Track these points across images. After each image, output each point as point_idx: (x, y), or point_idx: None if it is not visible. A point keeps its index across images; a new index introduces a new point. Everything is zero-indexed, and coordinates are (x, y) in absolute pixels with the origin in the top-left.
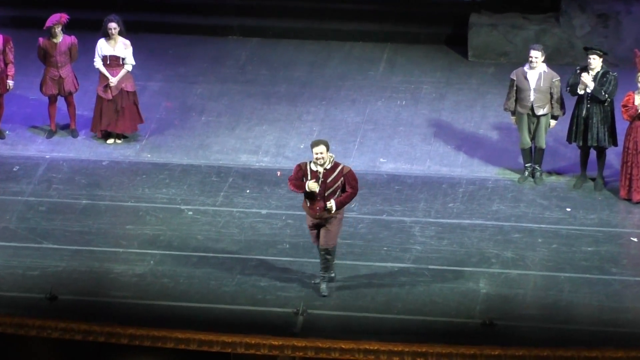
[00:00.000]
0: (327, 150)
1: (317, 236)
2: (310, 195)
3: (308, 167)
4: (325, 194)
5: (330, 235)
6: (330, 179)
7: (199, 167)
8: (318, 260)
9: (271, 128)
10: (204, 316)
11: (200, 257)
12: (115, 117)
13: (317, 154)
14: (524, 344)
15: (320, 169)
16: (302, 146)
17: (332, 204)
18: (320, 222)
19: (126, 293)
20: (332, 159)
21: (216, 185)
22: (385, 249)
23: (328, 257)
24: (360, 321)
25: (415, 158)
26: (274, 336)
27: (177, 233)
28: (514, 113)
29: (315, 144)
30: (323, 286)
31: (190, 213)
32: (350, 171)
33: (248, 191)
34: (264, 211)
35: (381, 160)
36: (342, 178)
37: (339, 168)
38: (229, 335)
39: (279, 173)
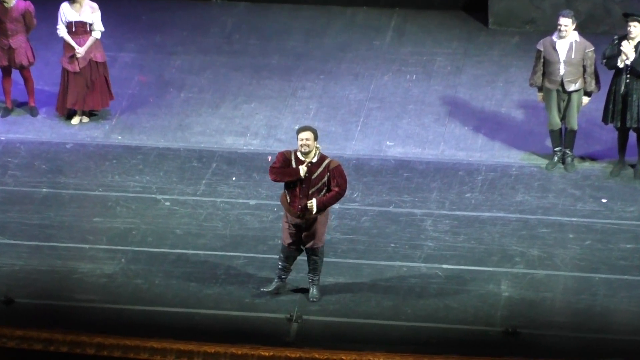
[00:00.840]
0: (315, 139)
1: (294, 237)
2: (291, 191)
3: (293, 156)
4: (310, 192)
5: (316, 235)
6: (315, 175)
7: (178, 151)
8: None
9: (261, 106)
10: (183, 323)
11: (179, 255)
12: (84, 92)
13: (302, 140)
14: (552, 355)
15: (307, 159)
16: (296, 127)
17: (312, 203)
18: (300, 223)
19: (93, 296)
20: (318, 152)
21: (197, 172)
22: (392, 245)
23: (315, 257)
24: (363, 329)
25: (427, 141)
26: (264, 346)
27: (152, 227)
28: (541, 89)
29: (301, 129)
30: (313, 291)
31: (168, 204)
32: (338, 167)
33: (234, 179)
34: (252, 202)
35: (388, 143)
36: (327, 174)
37: (326, 162)
38: (211, 344)
39: (269, 158)
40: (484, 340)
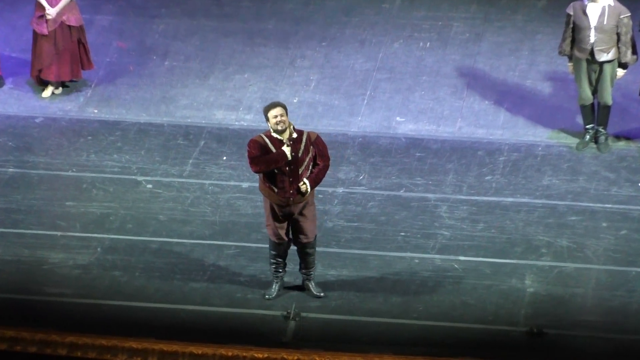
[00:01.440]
0: (287, 114)
1: (284, 230)
2: (277, 177)
3: (267, 140)
4: (300, 172)
5: (309, 225)
6: (301, 152)
7: (161, 127)
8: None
9: (255, 77)
10: (167, 320)
11: (162, 244)
12: (52, 59)
13: (276, 117)
14: (582, 359)
15: (285, 138)
16: (295, 100)
17: (306, 183)
18: (291, 212)
19: (65, 289)
20: (292, 127)
21: (183, 150)
22: (402, 234)
23: (310, 251)
24: (369, 328)
25: (442, 117)
26: (258, 347)
27: (132, 212)
28: (571, 58)
29: (271, 107)
30: (314, 286)
31: (150, 186)
32: (318, 137)
33: (225, 158)
34: (245, 184)
35: (398, 119)
36: (311, 147)
37: (305, 136)
38: (198, 345)
39: None
40: (506, 342)
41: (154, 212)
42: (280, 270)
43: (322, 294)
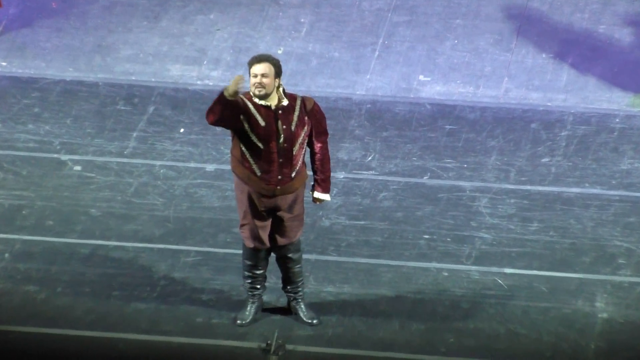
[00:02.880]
0: (277, 76)
1: (264, 231)
2: (262, 155)
3: (250, 105)
4: (294, 152)
5: (297, 224)
6: (294, 125)
7: (95, 86)
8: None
9: (225, 18)
10: (100, 352)
11: (95, 248)
12: None
13: (255, 76)
14: None
15: (272, 104)
16: (279, 51)
17: (322, 197)
18: (277, 205)
19: None
20: (282, 91)
21: (125, 119)
22: (426, 237)
23: (294, 256)
24: None
25: (482, 75)
26: None
27: (55, 204)
28: None
29: (255, 60)
30: (304, 309)
31: (78, 168)
32: (315, 104)
33: (182, 130)
34: (210, 167)
35: (421, 78)
36: (306, 118)
37: (298, 103)
38: None
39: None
40: None
41: (83, 204)
42: (258, 287)
43: (315, 320)
